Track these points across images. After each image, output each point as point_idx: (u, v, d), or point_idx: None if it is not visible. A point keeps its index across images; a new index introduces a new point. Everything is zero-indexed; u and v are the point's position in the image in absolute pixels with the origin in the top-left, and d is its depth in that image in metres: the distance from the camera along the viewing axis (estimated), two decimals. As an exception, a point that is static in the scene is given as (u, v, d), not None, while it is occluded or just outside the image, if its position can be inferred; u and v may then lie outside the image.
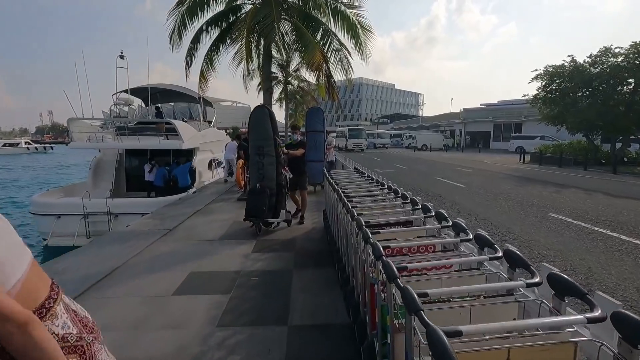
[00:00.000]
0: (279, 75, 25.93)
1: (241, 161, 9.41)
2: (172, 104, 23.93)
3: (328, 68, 9.09)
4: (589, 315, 1.16)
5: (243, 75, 9.07)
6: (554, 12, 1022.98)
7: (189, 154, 13.97)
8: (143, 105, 17.40)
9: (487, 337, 1.22)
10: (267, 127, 5.70)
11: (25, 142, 60.82)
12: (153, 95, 16.59)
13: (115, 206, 10.37)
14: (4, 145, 56.80)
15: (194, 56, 9.10)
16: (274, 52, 10.29)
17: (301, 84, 27.15)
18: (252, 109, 6.25)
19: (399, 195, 3.99)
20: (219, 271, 4.27)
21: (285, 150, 6.04)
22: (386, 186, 4.50)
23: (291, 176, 6.27)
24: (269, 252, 4.93)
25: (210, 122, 17.73)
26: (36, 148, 59.40)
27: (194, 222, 6.76)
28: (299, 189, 6.52)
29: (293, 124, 7.89)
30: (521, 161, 21.40)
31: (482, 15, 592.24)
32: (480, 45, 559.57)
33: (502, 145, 37.22)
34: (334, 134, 46.50)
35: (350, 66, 9.33)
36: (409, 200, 3.65)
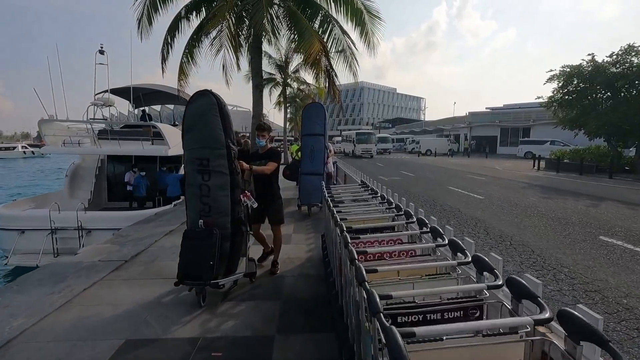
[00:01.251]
0: (277, 76, 24.70)
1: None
2: (159, 107, 22.63)
3: (328, 60, 7.76)
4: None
5: (223, 67, 7.76)
6: (553, 17, 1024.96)
7: (178, 160, 12.73)
8: (132, 108, 16.20)
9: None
10: (215, 125, 3.37)
11: (22, 147, 59.84)
12: (137, 96, 15.44)
13: (87, 220, 9.05)
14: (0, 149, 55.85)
15: (172, 47, 7.81)
16: (266, 46, 9.01)
17: (301, 87, 25.84)
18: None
19: (427, 229, 2.67)
20: (167, 339, 2.92)
21: (246, 166, 3.84)
22: (415, 218, 3.09)
23: (255, 205, 3.89)
24: (245, 302, 3.58)
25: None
26: (32, 152, 58.33)
27: (160, 248, 5.41)
28: (270, 223, 4.36)
29: (259, 124, 4.43)
30: (535, 167, 20.01)
31: (482, 21, 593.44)
32: (479, 50, 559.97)
33: (510, 151, 35.84)
34: (339, 139, 44.74)
35: (355, 59, 8.02)
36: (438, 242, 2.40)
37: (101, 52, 10.36)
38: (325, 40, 7.36)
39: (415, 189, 12.19)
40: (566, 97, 18.25)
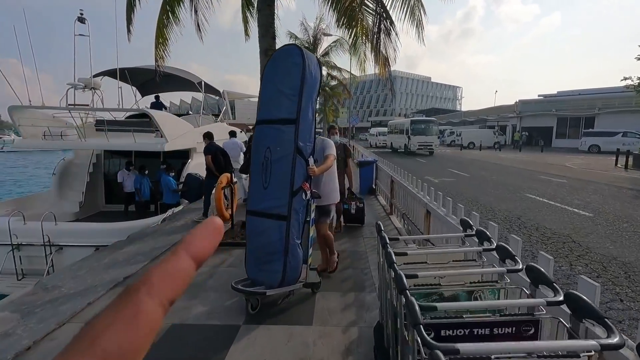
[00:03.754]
0: (305, 60, 22.11)
1: (225, 176, 5.65)
2: (190, 98, 20.39)
3: (385, 17, 5.07)
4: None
5: (198, 26, 5.31)
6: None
7: (185, 156, 10.56)
8: (140, 94, 14.18)
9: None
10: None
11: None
12: (146, 81, 13.38)
13: (58, 234, 7.02)
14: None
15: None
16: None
17: (332, 72, 23.06)
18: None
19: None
20: None
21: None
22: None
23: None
24: None
25: (216, 115, 14.20)
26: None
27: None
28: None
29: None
30: (620, 165, 16.20)
31: (523, 5, 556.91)
32: (520, 37, 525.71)
33: (569, 143, 31.34)
34: (374, 130, 39.60)
35: (422, 9, 5.29)
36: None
37: (81, 20, 8.22)
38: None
39: (483, 197, 9.29)
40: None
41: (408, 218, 5.48)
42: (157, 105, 12.46)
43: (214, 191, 5.48)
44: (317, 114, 28.29)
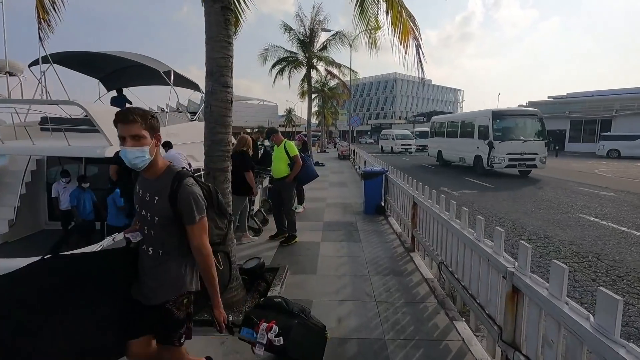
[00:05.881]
0: (300, 55, 19.99)
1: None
2: (201, 95, 18.07)
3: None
4: None
5: None
6: (605, 3, 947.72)
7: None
8: (104, 88, 11.96)
9: None
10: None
11: None
12: (112, 72, 11.22)
13: None
14: None
15: None
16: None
17: (330, 67, 20.93)
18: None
19: None
20: None
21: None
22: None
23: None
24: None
25: (193, 113, 12.02)
26: None
27: None
28: None
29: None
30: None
31: (522, 10, 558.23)
32: (519, 41, 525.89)
33: (584, 148, 29.24)
34: (390, 133, 32.68)
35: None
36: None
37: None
38: None
39: (526, 219, 7.12)
40: None
41: (452, 274, 3.32)
42: (119, 100, 10.24)
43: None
44: (315, 116, 25.74)
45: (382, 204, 7.29)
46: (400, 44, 4.28)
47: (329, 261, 4.59)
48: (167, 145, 7.08)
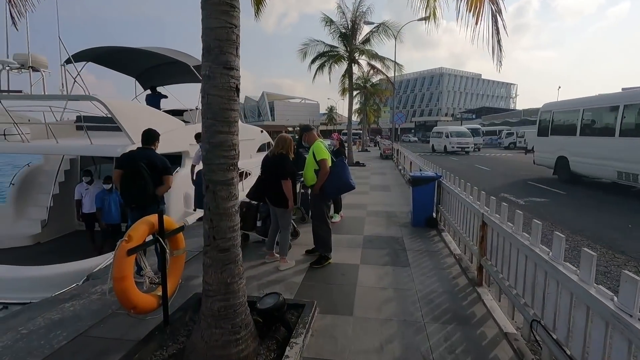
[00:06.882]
0: (341, 49, 18.96)
1: (147, 223, 2.70)
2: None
3: None
4: None
5: None
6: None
7: (178, 161, 7.98)
8: (142, 87, 11.82)
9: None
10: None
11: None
12: (146, 70, 11.02)
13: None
14: None
15: None
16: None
17: (372, 61, 19.67)
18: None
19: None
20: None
21: None
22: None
23: None
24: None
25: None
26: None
27: None
28: None
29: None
30: None
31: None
32: (581, 31, 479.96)
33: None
34: (443, 129, 29.31)
35: None
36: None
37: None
38: None
39: (633, 244, 5.61)
40: None
41: (557, 345, 2.19)
42: (154, 99, 9.96)
43: (116, 249, 2.57)
44: (357, 114, 24.54)
45: (434, 215, 6.13)
46: (469, 11, 3.16)
47: (369, 295, 3.60)
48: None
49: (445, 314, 3.19)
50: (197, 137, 6.80)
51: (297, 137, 7.32)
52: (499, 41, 3.23)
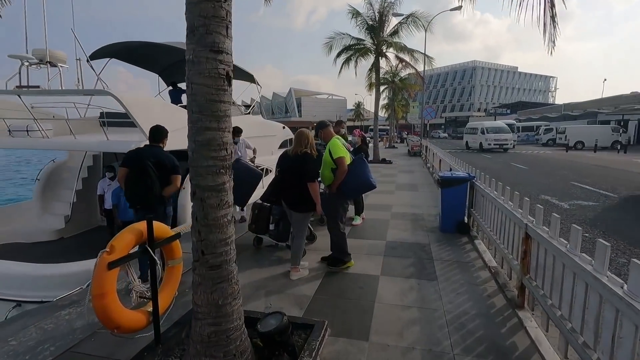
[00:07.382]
0: (367, 42, 18.29)
1: (134, 231, 2.39)
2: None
3: None
4: None
5: None
6: None
7: (182, 157, 7.74)
8: (165, 84, 11.80)
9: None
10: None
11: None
12: (170, 66, 10.96)
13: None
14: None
15: None
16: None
17: (401, 54, 18.86)
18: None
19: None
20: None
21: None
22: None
23: None
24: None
25: (248, 106, 11.24)
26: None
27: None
28: None
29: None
30: None
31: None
32: (631, 19, 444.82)
33: None
34: (478, 125, 27.31)
35: None
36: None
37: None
38: None
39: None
40: None
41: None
42: (176, 94, 9.87)
43: (96, 262, 2.29)
44: (385, 109, 23.85)
45: (466, 220, 5.54)
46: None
47: (389, 314, 3.15)
48: (237, 133, 6.55)
49: (479, 343, 2.69)
50: (236, 130, 6.58)
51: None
52: (552, 17, 2.65)
